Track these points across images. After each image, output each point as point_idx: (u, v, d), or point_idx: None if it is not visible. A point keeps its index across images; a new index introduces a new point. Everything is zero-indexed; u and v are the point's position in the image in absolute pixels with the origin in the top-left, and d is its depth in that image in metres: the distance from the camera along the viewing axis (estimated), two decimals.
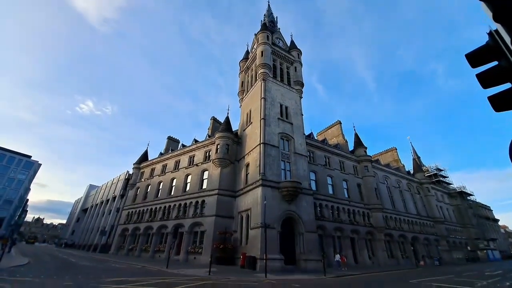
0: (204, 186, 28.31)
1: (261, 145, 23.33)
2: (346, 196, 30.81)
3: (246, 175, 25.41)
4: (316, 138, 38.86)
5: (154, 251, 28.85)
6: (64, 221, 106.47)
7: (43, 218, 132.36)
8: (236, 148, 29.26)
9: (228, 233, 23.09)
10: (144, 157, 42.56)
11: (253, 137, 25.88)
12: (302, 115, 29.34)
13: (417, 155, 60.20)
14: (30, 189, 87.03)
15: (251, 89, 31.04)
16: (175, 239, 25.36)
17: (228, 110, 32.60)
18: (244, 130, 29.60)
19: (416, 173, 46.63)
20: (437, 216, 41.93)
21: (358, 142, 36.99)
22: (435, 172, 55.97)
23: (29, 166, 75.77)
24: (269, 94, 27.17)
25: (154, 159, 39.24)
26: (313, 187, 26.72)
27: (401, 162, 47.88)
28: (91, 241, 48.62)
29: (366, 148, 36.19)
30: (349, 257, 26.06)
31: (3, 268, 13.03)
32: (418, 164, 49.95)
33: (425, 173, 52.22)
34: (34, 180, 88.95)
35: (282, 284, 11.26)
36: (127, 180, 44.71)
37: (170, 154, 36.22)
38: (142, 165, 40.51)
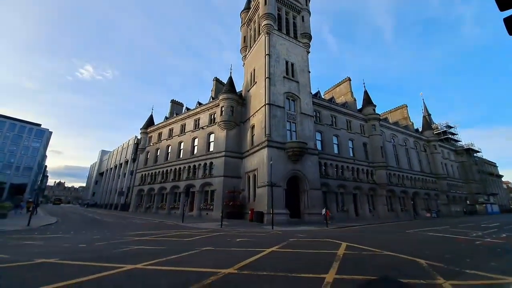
0: (211, 149, 28.84)
1: (266, 106, 22.73)
2: (351, 155, 31.10)
3: (252, 136, 25.48)
4: (323, 97, 37.52)
5: (169, 208, 31.21)
6: (83, 184, 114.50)
7: (64, 182, 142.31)
8: (241, 109, 28.73)
9: (236, 191, 24.37)
10: (150, 121, 42.76)
11: (258, 98, 25.09)
12: (309, 72, 27.72)
13: (428, 112, 58.33)
14: (46, 156, 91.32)
15: (254, 44, 28.84)
16: (188, 197, 27.13)
17: (231, 69, 31.01)
18: (248, 91, 28.59)
19: (424, 131, 46.00)
20: (441, 172, 42.68)
21: (367, 100, 35.63)
22: (445, 129, 54.97)
23: (41, 134, 77.84)
24: (273, 50, 25.28)
25: (160, 123, 39.41)
26: (319, 147, 26.88)
27: (410, 120, 46.80)
28: (111, 200, 52.72)
29: (375, 106, 35.01)
30: (350, 211, 27.68)
31: (34, 228, 14.41)
32: (427, 122, 48.87)
33: (434, 130, 51.42)
34: (49, 148, 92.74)
35: (288, 234, 12.20)
36: (136, 144, 45.98)
37: (175, 118, 36.13)
38: (149, 130, 41.01)
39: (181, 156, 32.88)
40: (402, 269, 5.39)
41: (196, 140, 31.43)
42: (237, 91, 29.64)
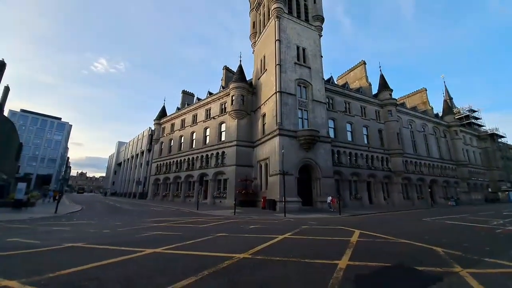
0: (223, 138, 29.11)
1: (277, 94, 22.37)
2: (366, 142, 30.30)
3: (263, 125, 25.37)
4: (336, 82, 36.27)
5: (184, 196, 32.33)
6: (103, 174, 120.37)
7: (86, 172, 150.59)
8: (252, 98, 28.50)
9: (248, 180, 24.70)
10: (163, 113, 43.56)
11: (269, 86, 24.70)
12: (322, 57, 26.74)
13: (449, 96, 55.06)
14: (68, 148, 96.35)
15: (264, 30, 28.02)
16: (202, 186, 27.87)
17: (240, 57, 30.57)
18: (258, 79, 28.17)
19: (445, 116, 43.62)
20: (461, 159, 40.73)
21: (383, 85, 34.08)
22: (467, 113, 51.83)
23: (62, 128, 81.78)
24: (284, 35, 24.47)
25: (172, 114, 40.06)
26: (332, 135, 26.36)
27: (429, 105, 44.39)
28: (130, 189, 55.31)
29: (391, 91, 33.47)
30: (364, 199, 27.36)
31: (61, 215, 15.46)
32: (449, 106, 46.19)
33: (456, 115, 48.69)
34: (70, 140, 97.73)
35: (300, 221, 12.33)
36: (151, 135, 47.39)
37: (187, 109, 36.55)
38: (162, 121, 41.87)
39: (193, 146, 33.52)
40: (418, 257, 5.32)
41: (208, 130, 31.79)
42: (247, 80, 29.31)
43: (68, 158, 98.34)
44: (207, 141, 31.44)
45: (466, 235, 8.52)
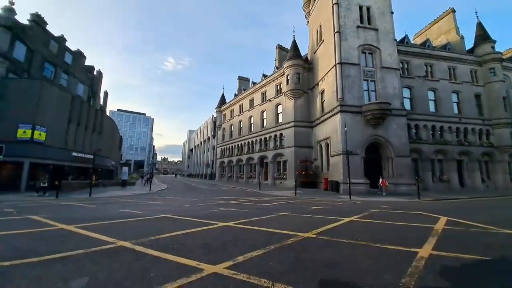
0: (280, 120, 29.02)
1: (337, 66, 20.27)
2: (456, 112, 24.53)
3: (322, 103, 23.82)
4: (412, 42, 30.00)
5: (247, 177, 34.63)
6: (180, 159, 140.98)
7: (167, 158, 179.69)
8: (308, 75, 26.91)
9: (308, 161, 24.19)
10: (222, 100, 46.59)
11: (327, 58, 22.64)
12: (392, 13, 22.33)
13: None
14: (153, 138, 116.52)
15: None
16: (262, 168, 29.16)
17: (293, 32, 28.85)
18: (314, 52, 26.14)
19: None
20: None
21: (481, 36, 26.14)
22: None
23: (147, 121, 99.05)
24: None
25: (231, 101, 42.36)
26: (407, 106, 22.40)
27: None
28: (201, 171, 63.26)
29: (494, 42, 25.39)
30: (453, 181, 22.74)
31: (153, 192, 19.27)
32: None
33: None
34: (154, 132, 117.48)
35: (368, 204, 11.36)
36: (214, 123, 51.97)
37: (243, 94, 37.82)
38: (222, 108, 44.99)
39: (252, 130, 34.85)
40: None
41: (265, 113, 32.24)
42: (302, 56, 27.66)
43: (154, 146, 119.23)
44: (265, 124, 32.04)
45: None
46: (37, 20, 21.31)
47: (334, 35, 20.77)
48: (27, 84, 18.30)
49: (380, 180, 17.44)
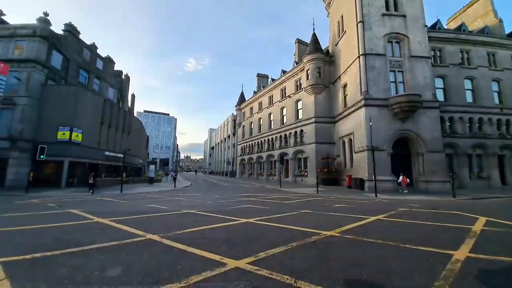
0: (300, 116, 28.51)
1: (361, 57, 19.28)
2: (496, 102, 22.09)
3: (344, 97, 22.91)
4: (445, 27, 27.50)
5: (267, 175, 34.65)
6: (202, 157, 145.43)
7: (190, 156, 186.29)
8: (329, 69, 26.01)
9: (330, 158, 23.49)
10: (242, 98, 46.93)
11: (349, 50, 21.67)
12: None
13: None
14: (176, 137, 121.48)
15: None
16: (282, 165, 28.96)
17: (313, 25, 27.92)
18: (336, 45, 25.15)
19: None
20: None
21: None
22: None
23: (171, 121, 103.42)
24: None
25: (250, 98, 42.49)
26: (440, 97, 20.66)
27: None
28: (222, 169, 64.61)
29: None
30: (494, 178, 20.56)
31: (178, 188, 20.13)
32: None
33: None
34: (177, 131, 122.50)
35: (396, 203, 10.74)
36: (234, 121, 52.61)
37: (263, 91, 37.71)
38: (242, 106, 45.35)
39: (272, 127, 34.69)
40: None
41: (285, 110, 31.87)
42: (322, 49, 26.78)
43: (177, 145, 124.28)
44: (285, 120, 31.70)
45: None
46: (71, 30, 23.10)
47: (357, 25, 19.74)
48: (65, 90, 20.06)
49: (401, 177, 16.29)
